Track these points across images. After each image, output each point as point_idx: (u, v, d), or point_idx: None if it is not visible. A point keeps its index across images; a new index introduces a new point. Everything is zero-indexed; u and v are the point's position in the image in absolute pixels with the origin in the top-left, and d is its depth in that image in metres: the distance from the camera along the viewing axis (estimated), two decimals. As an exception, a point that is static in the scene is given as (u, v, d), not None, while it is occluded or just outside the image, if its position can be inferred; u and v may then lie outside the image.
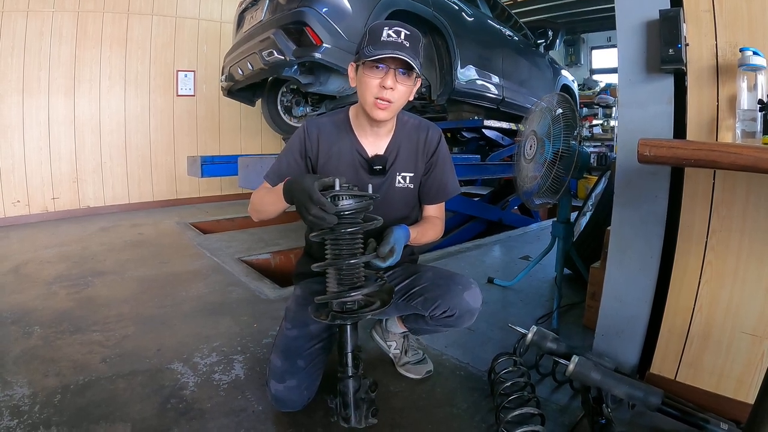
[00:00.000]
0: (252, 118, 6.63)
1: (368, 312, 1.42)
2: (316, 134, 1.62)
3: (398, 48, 1.40)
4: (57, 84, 5.21)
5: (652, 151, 1.12)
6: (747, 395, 1.52)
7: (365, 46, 1.43)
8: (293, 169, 1.62)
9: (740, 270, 1.51)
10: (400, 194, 1.68)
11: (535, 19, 7.89)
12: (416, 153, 1.68)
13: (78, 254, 3.70)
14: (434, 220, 1.73)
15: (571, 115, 2.29)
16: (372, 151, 1.64)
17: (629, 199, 1.76)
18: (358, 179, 1.62)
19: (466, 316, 1.62)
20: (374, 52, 1.39)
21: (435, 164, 1.70)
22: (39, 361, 1.96)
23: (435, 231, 1.69)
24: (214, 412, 1.64)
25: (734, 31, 1.47)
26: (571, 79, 6.29)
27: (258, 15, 3.31)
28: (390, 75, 1.44)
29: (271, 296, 2.77)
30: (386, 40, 1.40)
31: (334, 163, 1.62)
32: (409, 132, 1.67)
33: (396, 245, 1.44)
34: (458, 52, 3.79)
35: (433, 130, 1.70)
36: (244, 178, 3.09)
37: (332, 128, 1.64)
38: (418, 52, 1.46)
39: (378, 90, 1.45)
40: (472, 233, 4.72)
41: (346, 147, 1.63)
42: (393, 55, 1.39)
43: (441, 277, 1.64)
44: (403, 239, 1.49)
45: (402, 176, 1.67)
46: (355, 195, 1.35)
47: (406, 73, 1.46)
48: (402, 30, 1.43)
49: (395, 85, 1.45)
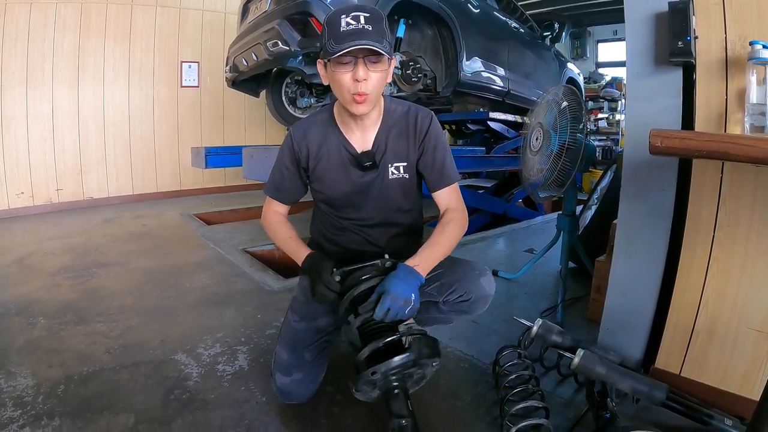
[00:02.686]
0: (256, 110, 6.61)
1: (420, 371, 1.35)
2: (302, 138, 1.58)
3: (360, 36, 1.31)
4: (61, 75, 5.20)
5: (664, 142, 1.10)
6: (752, 391, 1.51)
7: (327, 41, 1.34)
8: (288, 180, 1.63)
9: (747, 265, 1.50)
10: (396, 185, 1.62)
11: (541, 11, 7.81)
12: (407, 140, 1.59)
13: (82, 245, 3.71)
14: (449, 216, 1.59)
15: (578, 108, 2.28)
16: (360, 146, 1.57)
17: (636, 192, 1.75)
18: (349, 177, 1.58)
19: (481, 302, 1.59)
20: (336, 48, 1.31)
21: (427, 145, 1.59)
22: (42, 352, 1.97)
23: (455, 229, 1.56)
24: (218, 403, 1.64)
25: (744, 24, 1.45)
26: (576, 72, 6.25)
27: (262, 5, 3.29)
28: (360, 66, 1.36)
29: (275, 287, 2.77)
30: (346, 30, 1.32)
31: (324, 165, 1.58)
32: (397, 119, 1.59)
33: (395, 301, 1.32)
34: (464, 44, 3.76)
35: (423, 113, 1.61)
36: (248, 169, 3.09)
37: (318, 129, 1.59)
38: (384, 31, 1.37)
39: (352, 84, 1.38)
40: (477, 225, 4.71)
41: (334, 146, 1.58)
42: (357, 46, 1.31)
43: (456, 263, 1.61)
44: (411, 284, 1.37)
45: (395, 167, 1.60)
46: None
47: (377, 59, 1.37)
48: (360, 14, 1.34)
49: (368, 74, 1.37)
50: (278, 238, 1.65)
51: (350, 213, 1.65)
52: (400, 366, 1.29)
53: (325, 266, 1.43)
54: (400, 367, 1.29)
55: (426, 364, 1.34)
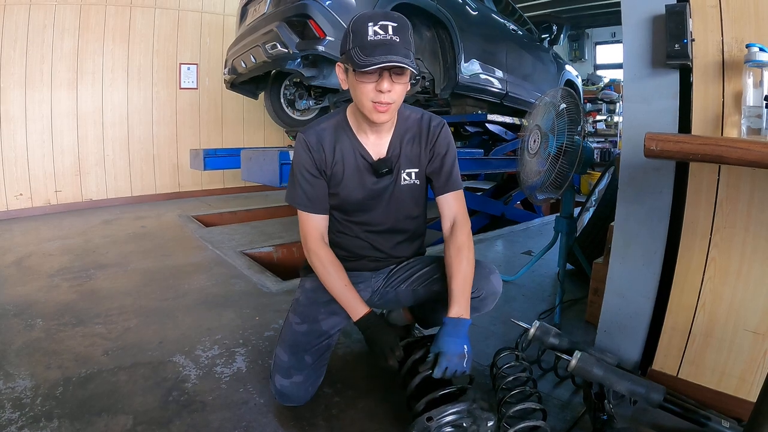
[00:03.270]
0: (255, 111, 6.63)
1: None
2: (317, 143, 1.54)
3: (390, 50, 1.30)
4: (60, 77, 5.21)
5: (658, 146, 1.11)
6: (749, 393, 1.52)
7: (352, 48, 1.33)
8: (317, 188, 1.57)
9: (744, 267, 1.51)
10: (408, 191, 1.64)
11: (539, 13, 7.83)
12: (419, 146, 1.61)
13: (80, 247, 3.71)
14: (459, 238, 1.55)
15: (575, 110, 2.28)
16: (374, 151, 1.58)
17: (633, 195, 1.75)
18: (364, 183, 1.59)
19: (490, 299, 1.62)
20: (365, 60, 1.29)
21: (437, 150, 1.61)
22: (41, 354, 1.97)
23: (470, 252, 1.54)
24: (216, 405, 1.64)
25: (741, 26, 1.45)
26: (575, 75, 6.26)
27: (261, 8, 3.29)
28: (385, 79, 1.35)
29: (274, 289, 2.77)
30: (374, 39, 1.31)
31: (340, 170, 1.57)
32: (410, 126, 1.60)
33: (451, 360, 1.35)
34: (462, 46, 3.77)
35: (435, 120, 1.62)
36: (246, 171, 3.09)
37: (331, 132, 1.57)
38: (410, 41, 1.37)
39: (375, 94, 1.38)
40: (475, 228, 4.71)
41: (349, 151, 1.57)
42: (387, 63, 1.29)
43: None
44: (461, 337, 1.39)
45: (407, 173, 1.61)
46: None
47: (402, 72, 1.37)
48: (388, 23, 1.33)
49: (392, 86, 1.37)
50: (330, 281, 1.55)
51: (359, 217, 1.65)
52: (455, 413, 1.29)
53: (394, 340, 1.45)
54: (455, 414, 1.29)
55: (480, 417, 1.32)
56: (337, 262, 1.56)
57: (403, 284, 1.73)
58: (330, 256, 1.57)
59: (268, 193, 6.67)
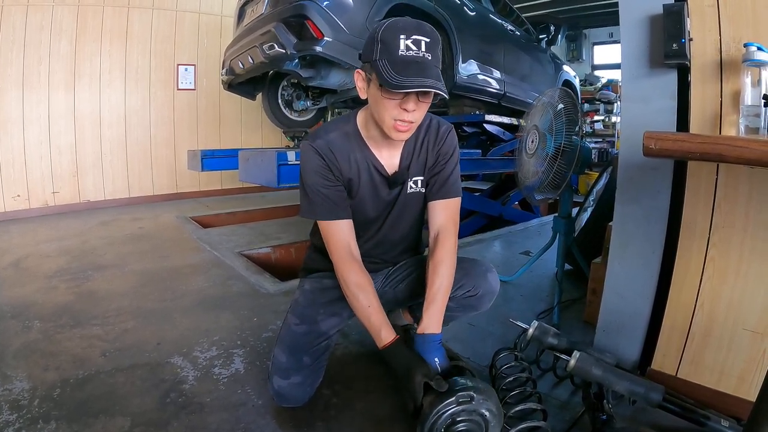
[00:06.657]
0: (252, 112, 6.61)
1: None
2: (327, 150, 1.47)
3: (423, 71, 1.24)
4: (57, 78, 5.20)
5: (657, 144, 1.11)
6: (748, 392, 1.51)
7: (379, 59, 1.26)
8: (338, 193, 1.49)
9: (742, 267, 1.51)
10: (413, 199, 1.62)
11: (537, 14, 7.84)
12: (427, 152, 1.57)
13: (78, 248, 3.70)
14: (441, 253, 1.50)
15: (573, 110, 2.28)
16: (388, 164, 1.54)
17: (631, 195, 1.75)
18: (377, 196, 1.57)
19: (487, 297, 1.62)
20: (399, 81, 1.22)
21: (441, 155, 1.57)
22: (39, 355, 1.96)
23: (448, 268, 1.49)
24: (214, 406, 1.63)
25: (738, 26, 1.45)
26: (572, 75, 6.26)
27: (259, 8, 3.29)
28: (411, 98, 1.29)
29: (272, 290, 2.77)
30: (406, 56, 1.24)
31: (354, 182, 1.52)
32: (420, 134, 1.56)
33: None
34: (460, 47, 3.76)
35: (444, 126, 1.59)
36: (244, 172, 3.08)
37: (342, 141, 1.49)
38: (439, 57, 1.31)
39: (398, 112, 1.31)
40: (473, 228, 4.71)
41: (362, 164, 1.51)
42: (420, 89, 1.23)
43: (461, 261, 1.59)
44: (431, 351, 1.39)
45: (414, 181, 1.59)
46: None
47: (429, 92, 1.31)
48: (422, 39, 1.26)
49: (417, 105, 1.32)
50: (358, 302, 1.46)
51: (365, 228, 1.64)
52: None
53: (427, 375, 1.30)
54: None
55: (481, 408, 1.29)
56: (364, 283, 1.48)
57: (402, 283, 1.73)
58: (356, 278, 1.47)
59: (266, 193, 6.66)
